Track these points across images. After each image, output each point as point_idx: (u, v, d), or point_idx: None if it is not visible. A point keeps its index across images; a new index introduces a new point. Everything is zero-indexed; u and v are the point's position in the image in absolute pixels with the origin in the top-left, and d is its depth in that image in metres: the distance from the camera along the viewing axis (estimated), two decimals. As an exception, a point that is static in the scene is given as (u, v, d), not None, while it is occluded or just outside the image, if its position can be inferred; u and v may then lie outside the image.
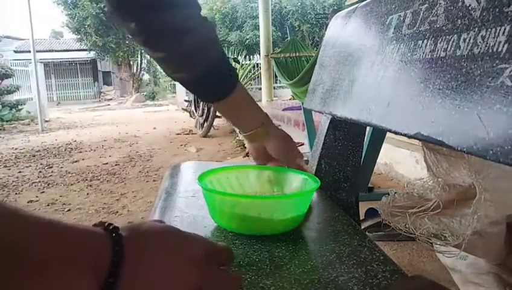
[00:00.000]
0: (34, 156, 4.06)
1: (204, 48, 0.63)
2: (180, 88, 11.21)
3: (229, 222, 0.58)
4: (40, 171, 3.26)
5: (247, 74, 11.72)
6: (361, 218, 1.25)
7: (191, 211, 0.66)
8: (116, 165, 3.40)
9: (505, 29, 0.38)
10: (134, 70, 18.53)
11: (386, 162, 2.56)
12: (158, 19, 0.59)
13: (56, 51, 19.87)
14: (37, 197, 2.53)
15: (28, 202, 2.41)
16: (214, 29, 0.65)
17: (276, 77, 8.20)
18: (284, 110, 5.92)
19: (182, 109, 7.34)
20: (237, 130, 4.80)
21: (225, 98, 0.67)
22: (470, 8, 0.45)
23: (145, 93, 17.16)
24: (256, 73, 12.03)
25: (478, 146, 0.38)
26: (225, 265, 0.37)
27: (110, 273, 0.27)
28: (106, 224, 0.29)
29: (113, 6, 0.60)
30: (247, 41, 14.25)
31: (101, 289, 0.27)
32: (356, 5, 0.85)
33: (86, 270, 0.26)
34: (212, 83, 0.66)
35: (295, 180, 0.68)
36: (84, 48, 17.21)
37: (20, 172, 3.28)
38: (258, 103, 0.72)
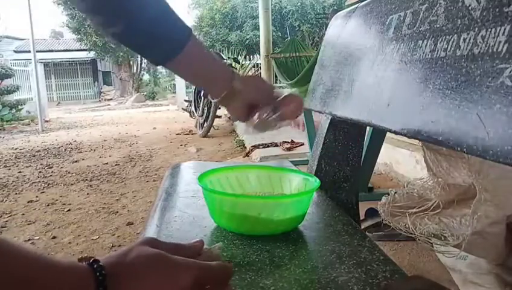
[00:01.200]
0: (34, 156, 4.06)
1: None
2: (180, 88, 11.22)
3: (229, 222, 0.58)
4: (40, 171, 3.26)
5: (247, 73, 11.72)
6: (361, 218, 1.25)
7: (191, 211, 0.66)
8: (116, 165, 3.40)
9: (505, 29, 0.38)
10: (134, 70, 18.52)
11: (386, 162, 2.56)
12: None
13: (56, 51, 19.86)
14: (37, 197, 2.53)
15: (28, 202, 2.41)
16: None
17: (276, 77, 8.20)
18: (284, 110, 5.90)
19: (182, 109, 7.34)
20: (237, 126, 4.77)
21: (175, 56, 0.57)
22: (470, 8, 0.45)
23: (145, 93, 17.15)
24: (256, 73, 12.02)
25: (478, 146, 0.38)
26: (223, 283, 0.36)
27: None
28: (91, 260, 0.30)
29: None
30: (247, 41, 14.24)
31: None
32: (356, 5, 0.85)
33: None
34: (155, 38, 0.56)
35: (295, 180, 0.68)
36: (84, 48, 17.19)
37: (20, 172, 3.28)
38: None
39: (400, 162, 2.41)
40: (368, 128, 1.38)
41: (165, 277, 0.31)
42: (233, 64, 6.36)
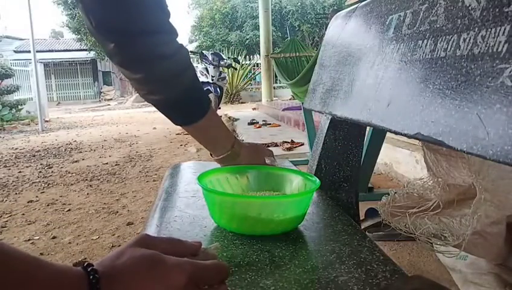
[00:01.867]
0: (34, 156, 4.06)
1: (179, 73, 0.65)
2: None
3: (229, 222, 0.58)
4: (40, 171, 3.26)
5: (247, 74, 11.71)
6: (361, 218, 1.25)
7: (191, 211, 0.66)
8: (116, 165, 3.40)
9: (505, 29, 0.38)
10: (135, 70, 18.52)
11: (386, 162, 2.56)
12: (137, 44, 0.60)
13: (56, 51, 19.88)
14: (37, 197, 2.53)
15: (28, 202, 2.41)
16: (188, 55, 0.67)
17: (276, 77, 8.21)
18: (284, 110, 5.92)
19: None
20: (237, 126, 4.79)
21: (197, 121, 0.68)
22: (470, 8, 0.45)
23: (145, 93, 17.14)
24: (256, 72, 12.02)
25: (478, 146, 0.38)
26: (221, 282, 0.36)
27: None
28: (85, 264, 0.30)
29: (93, 25, 0.60)
30: (247, 41, 14.25)
31: None
32: (356, 5, 0.85)
33: None
34: (185, 106, 0.67)
35: (295, 180, 0.68)
36: (84, 48, 17.21)
37: (20, 172, 3.28)
38: (258, 103, 0.72)
39: (400, 162, 2.41)
40: (368, 128, 1.38)
41: (158, 277, 0.31)
42: (233, 64, 6.35)
